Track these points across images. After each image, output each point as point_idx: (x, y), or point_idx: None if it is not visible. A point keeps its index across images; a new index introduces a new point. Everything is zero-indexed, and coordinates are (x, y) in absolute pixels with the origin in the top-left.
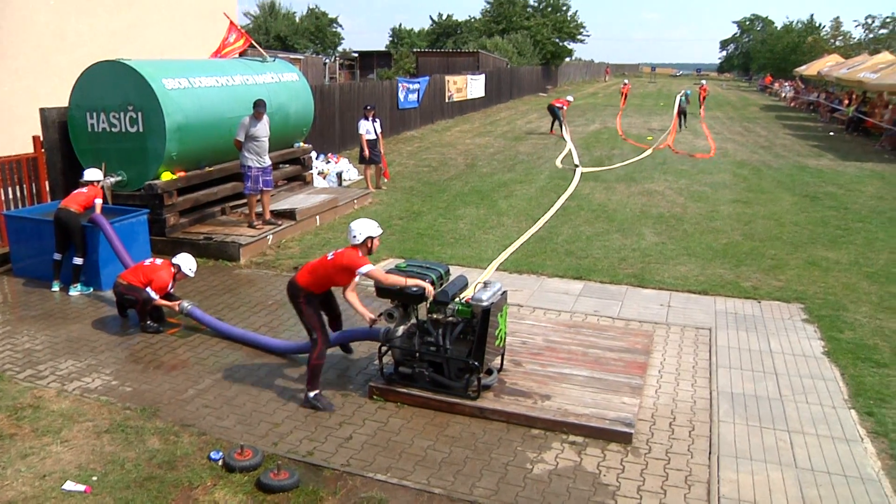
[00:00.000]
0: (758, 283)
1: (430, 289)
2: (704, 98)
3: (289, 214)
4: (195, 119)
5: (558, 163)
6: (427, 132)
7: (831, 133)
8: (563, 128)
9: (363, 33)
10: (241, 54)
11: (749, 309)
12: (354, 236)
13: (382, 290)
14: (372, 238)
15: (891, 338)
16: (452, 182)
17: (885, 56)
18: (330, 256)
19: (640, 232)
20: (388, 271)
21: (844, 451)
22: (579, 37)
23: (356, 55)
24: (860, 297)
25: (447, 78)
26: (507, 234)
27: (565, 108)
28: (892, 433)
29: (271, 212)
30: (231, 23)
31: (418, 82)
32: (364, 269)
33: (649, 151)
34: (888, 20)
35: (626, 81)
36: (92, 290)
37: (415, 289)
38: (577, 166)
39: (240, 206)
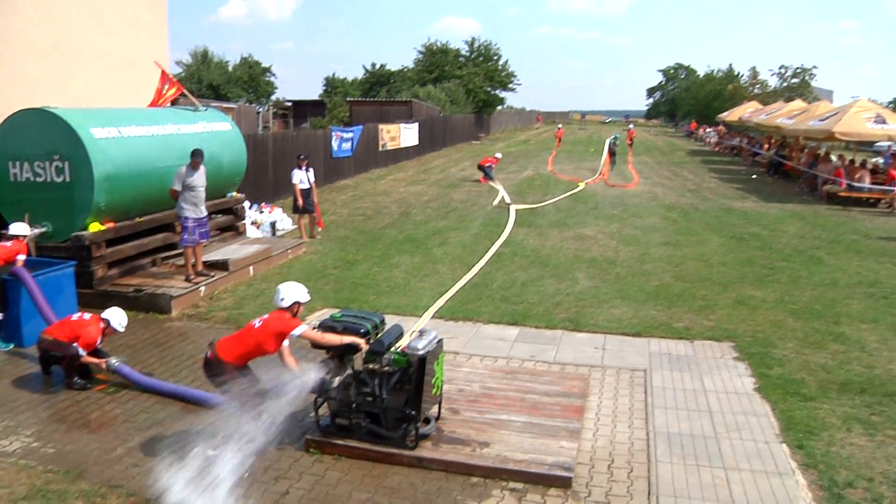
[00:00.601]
0: (690, 324)
1: (363, 345)
2: (632, 140)
3: (221, 265)
4: (125, 169)
5: (495, 202)
6: (361, 181)
7: (754, 176)
8: (495, 182)
9: (297, 82)
10: (173, 103)
11: (682, 349)
12: (282, 299)
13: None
14: (299, 303)
15: (816, 372)
16: (387, 230)
17: (798, 103)
18: (257, 324)
19: (574, 276)
20: (322, 321)
21: (778, 484)
22: (511, 85)
23: (290, 104)
24: (786, 334)
25: (381, 126)
26: (442, 282)
27: (494, 165)
28: (820, 464)
29: (203, 263)
30: (163, 71)
31: (352, 131)
32: (298, 332)
33: (582, 185)
34: (798, 70)
35: (559, 126)
36: (13, 346)
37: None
38: (509, 204)
39: (171, 257)
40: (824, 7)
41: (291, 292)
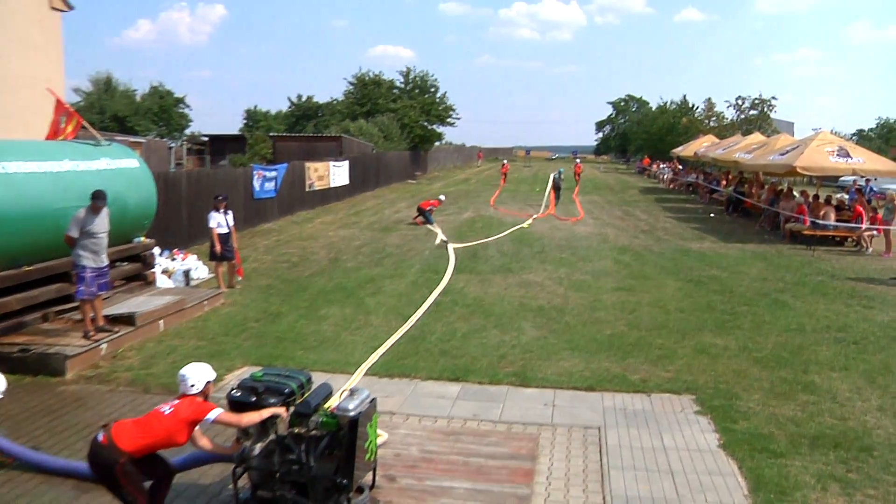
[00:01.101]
0: (646, 376)
1: (284, 413)
2: (579, 175)
3: (127, 319)
4: (12, 210)
5: (437, 242)
6: (286, 224)
7: (712, 214)
8: (434, 225)
9: (214, 115)
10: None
11: (639, 403)
12: (192, 385)
13: (235, 404)
14: (210, 382)
15: (785, 425)
16: (315, 279)
17: (757, 137)
18: (166, 410)
19: (520, 326)
20: (242, 382)
21: None
22: (449, 119)
23: (206, 139)
24: (751, 384)
25: (308, 164)
26: (375, 335)
27: (436, 208)
28: None
29: (105, 317)
30: (58, 100)
31: (276, 169)
32: (212, 416)
33: (530, 221)
34: (757, 101)
35: (504, 161)
36: None
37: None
38: (446, 242)
39: (67, 311)
40: (782, 35)
41: (200, 375)
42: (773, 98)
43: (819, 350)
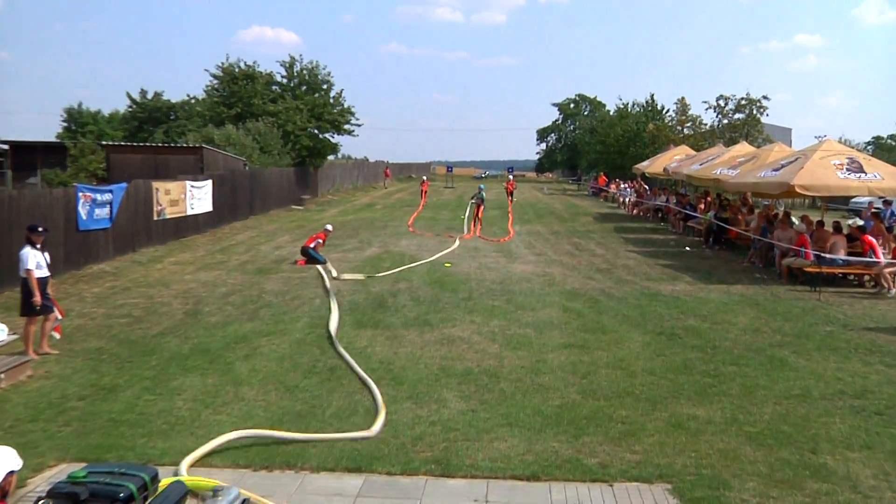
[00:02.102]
0: (606, 459)
1: None
2: (512, 193)
3: None
4: None
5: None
6: (126, 265)
7: (687, 248)
8: (328, 264)
9: (19, 114)
10: None
11: (598, 496)
12: None
13: None
14: (13, 473)
15: None
16: (165, 339)
17: (743, 147)
18: None
19: (441, 397)
20: (55, 487)
21: None
22: (347, 126)
23: (6, 147)
24: (744, 468)
25: (156, 185)
26: (249, 413)
27: (323, 242)
28: None
29: None
30: None
31: (110, 191)
32: None
33: (457, 243)
34: (743, 102)
35: (424, 178)
36: None
37: None
38: (330, 272)
39: None
40: (773, 18)
41: None
42: (765, 97)
43: (831, 423)
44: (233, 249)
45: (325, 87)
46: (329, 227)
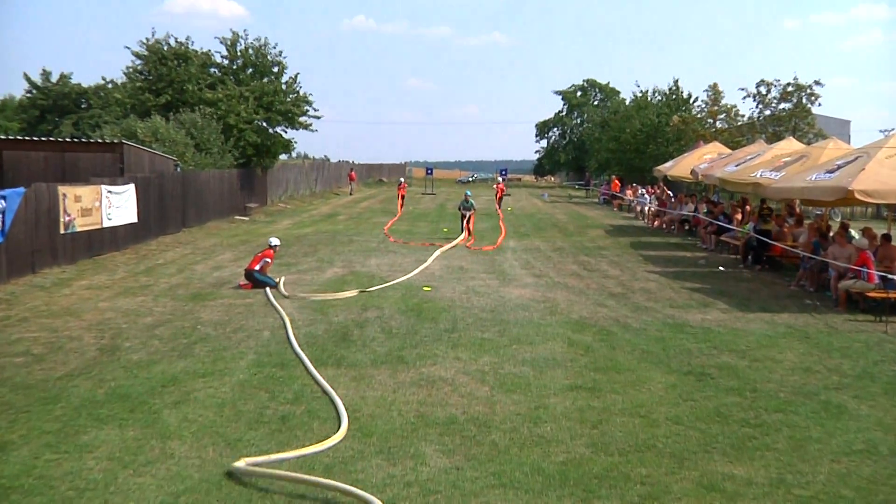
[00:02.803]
0: None
1: None
2: (500, 199)
3: None
4: None
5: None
6: (23, 290)
7: (720, 268)
8: (280, 286)
9: None
10: None
11: None
12: None
13: None
14: None
15: None
16: (73, 382)
17: (790, 144)
18: None
19: (419, 452)
20: None
21: None
22: (303, 119)
23: None
24: None
25: (63, 190)
26: (180, 474)
27: (271, 262)
28: None
29: None
30: None
31: (3, 197)
32: None
33: (439, 252)
34: (791, 88)
35: (402, 180)
36: None
37: None
38: (288, 296)
39: None
40: None
41: None
42: (817, 83)
43: None
44: (161, 270)
45: (275, 70)
46: (274, 241)
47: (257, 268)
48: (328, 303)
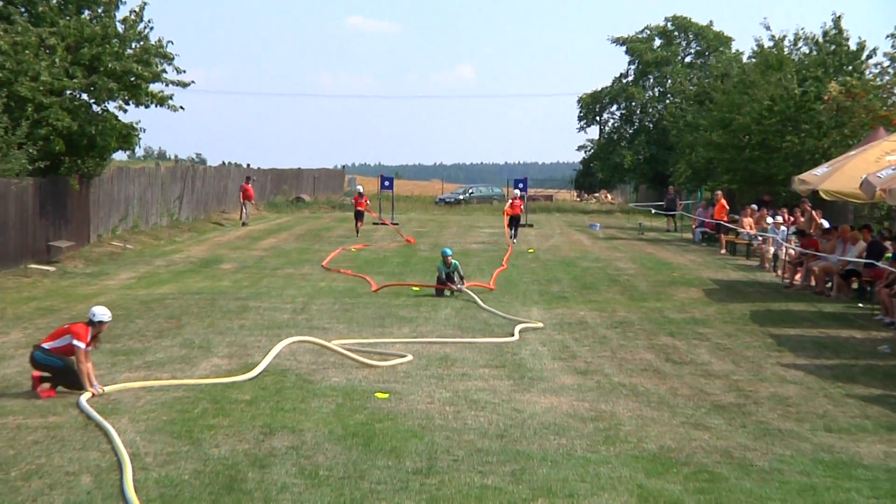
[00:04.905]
0: None
1: None
2: (514, 224)
3: None
4: None
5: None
6: None
7: None
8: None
9: None
10: None
11: None
12: None
13: None
14: None
15: None
16: None
17: None
18: None
19: None
20: None
21: None
22: (158, 89)
23: None
24: None
25: None
26: None
27: (87, 346)
28: None
29: None
30: None
31: None
32: None
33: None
34: None
35: (360, 189)
36: None
37: None
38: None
39: None
40: None
41: None
42: None
43: None
44: None
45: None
46: (100, 313)
47: (53, 345)
48: (207, 423)
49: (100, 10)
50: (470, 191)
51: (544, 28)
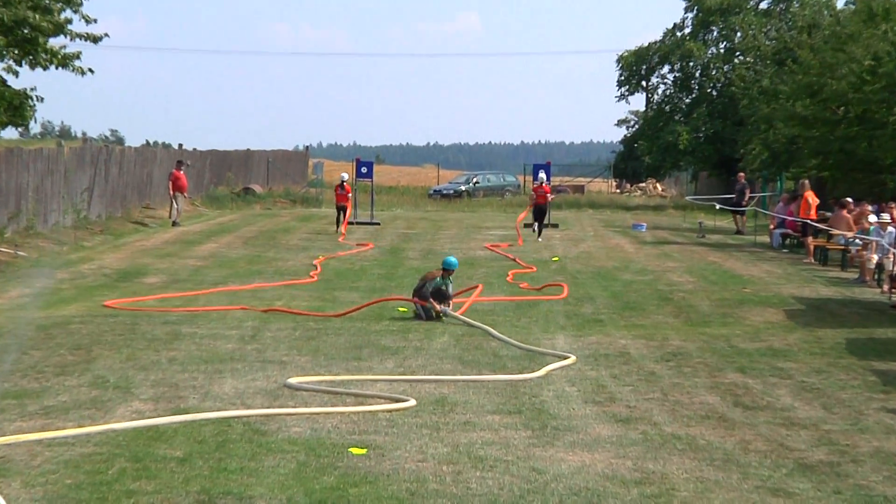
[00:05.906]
0: None
1: None
2: (542, 212)
3: None
4: None
5: None
6: None
7: None
8: None
9: None
10: None
11: None
12: None
13: None
14: None
15: None
16: None
17: None
18: None
19: None
20: None
21: None
22: (57, 43)
23: None
24: None
25: None
26: None
27: None
28: None
29: None
30: None
31: None
32: None
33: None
34: None
35: (344, 177)
36: None
37: None
38: None
39: None
40: None
41: None
42: None
43: None
44: None
45: None
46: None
47: None
48: (125, 489)
49: None
50: (475, 180)
51: None
